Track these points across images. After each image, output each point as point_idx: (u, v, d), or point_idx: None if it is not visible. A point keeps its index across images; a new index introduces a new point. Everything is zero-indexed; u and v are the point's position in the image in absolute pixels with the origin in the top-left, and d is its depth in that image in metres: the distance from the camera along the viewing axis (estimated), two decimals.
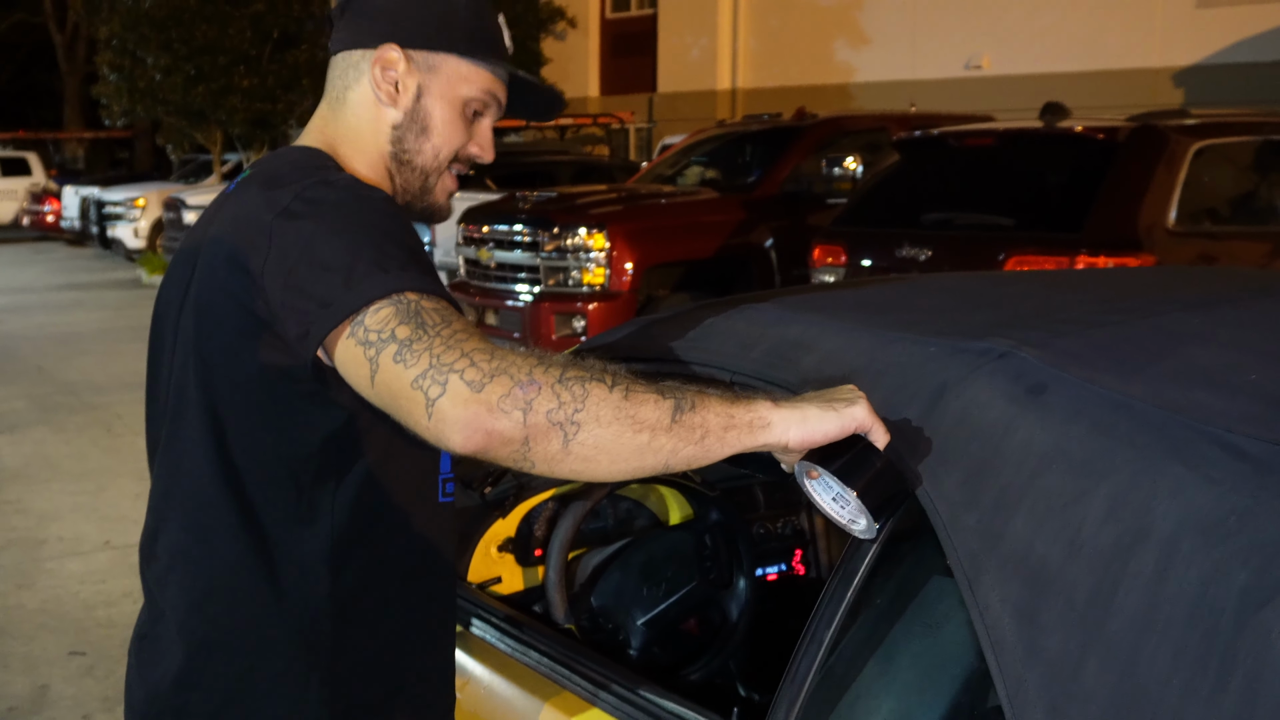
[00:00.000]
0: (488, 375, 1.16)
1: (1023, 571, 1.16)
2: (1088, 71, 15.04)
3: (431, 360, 1.18)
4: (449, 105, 1.51)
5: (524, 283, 7.96)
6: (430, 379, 1.17)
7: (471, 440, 1.16)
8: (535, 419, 1.16)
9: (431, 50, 1.49)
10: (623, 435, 1.18)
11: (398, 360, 1.19)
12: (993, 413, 1.30)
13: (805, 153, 8.59)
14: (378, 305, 1.23)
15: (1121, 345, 1.45)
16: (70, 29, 34.39)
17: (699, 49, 20.56)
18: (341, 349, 1.26)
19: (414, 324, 1.22)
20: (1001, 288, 1.99)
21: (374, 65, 1.48)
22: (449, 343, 1.19)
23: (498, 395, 1.15)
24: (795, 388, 1.53)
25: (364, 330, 1.23)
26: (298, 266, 1.29)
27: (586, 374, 1.19)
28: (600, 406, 1.17)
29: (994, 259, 5.44)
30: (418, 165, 1.52)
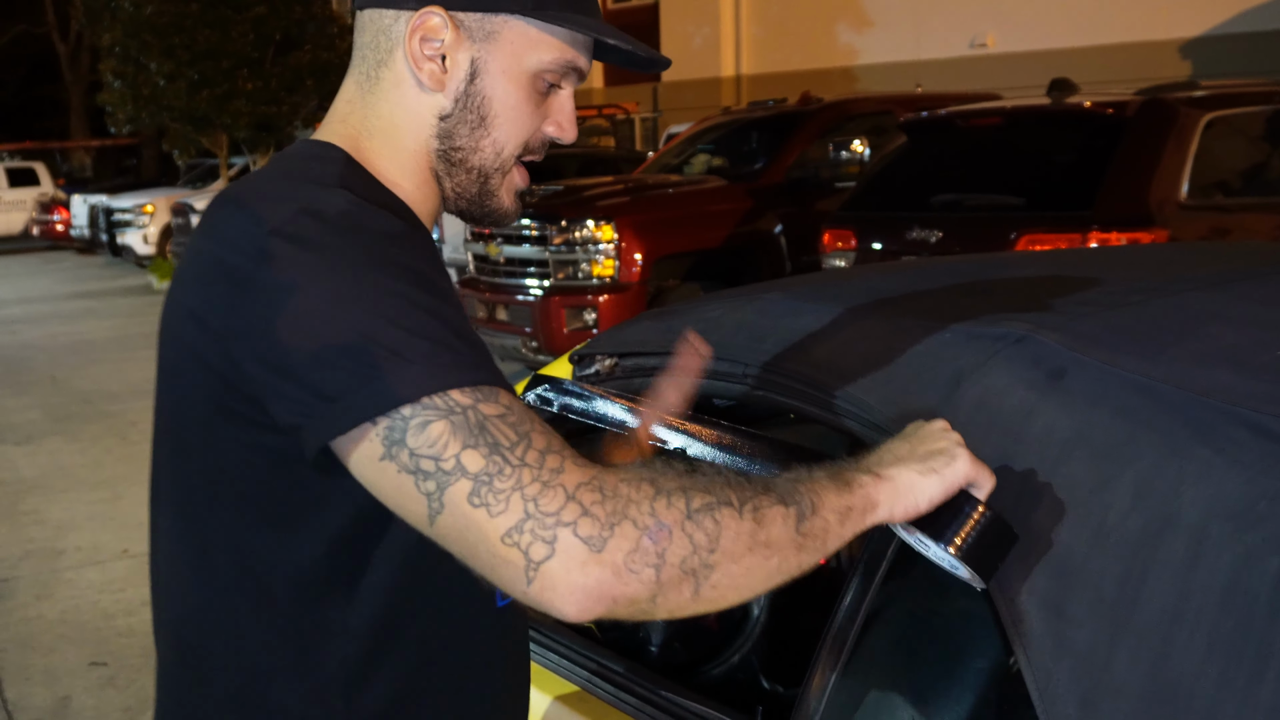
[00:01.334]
0: (606, 526, 0.91)
1: (1049, 562, 1.13)
2: (1094, 46, 14.94)
3: (526, 506, 0.91)
4: (515, 84, 1.15)
5: (533, 277, 7.93)
6: (531, 534, 0.91)
7: (591, 611, 0.92)
8: (669, 574, 0.93)
9: (489, 11, 1.13)
10: (755, 568, 0.98)
11: (475, 504, 0.92)
12: (1012, 399, 1.27)
13: (811, 138, 8.54)
14: (418, 415, 0.94)
15: (1141, 326, 1.42)
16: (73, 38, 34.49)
17: (702, 37, 20.50)
18: (371, 470, 0.97)
19: (485, 446, 0.93)
20: (1015, 270, 1.96)
21: (411, 35, 1.13)
22: (540, 475, 0.93)
23: (624, 552, 0.91)
24: (809, 378, 1.50)
25: (408, 454, 0.94)
26: (279, 337, 0.98)
27: (712, 498, 0.96)
28: (735, 542, 0.96)
29: (1005, 239, 5.40)
30: (474, 165, 1.18)
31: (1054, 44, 15.32)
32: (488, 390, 0.96)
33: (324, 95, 21.26)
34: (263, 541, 1.09)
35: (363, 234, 1.03)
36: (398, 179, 1.17)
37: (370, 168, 1.16)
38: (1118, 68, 13.58)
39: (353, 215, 1.04)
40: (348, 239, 1.02)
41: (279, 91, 18.42)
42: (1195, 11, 14.43)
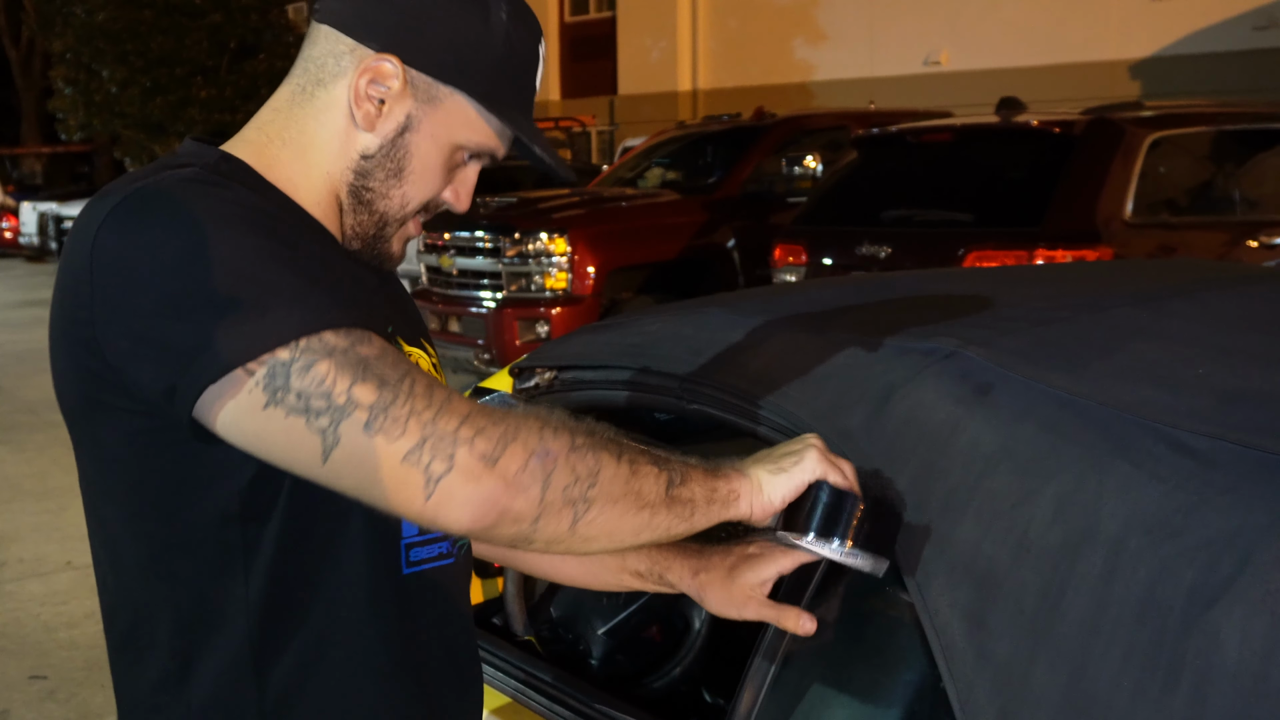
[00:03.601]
0: (499, 444, 0.98)
1: (972, 575, 1.14)
2: (1046, 65, 15.14)
3: (424, 428, 0.96)
4: (437, 149, 1.21)
5: (487, 289, 7.93)
6: (430, 452, 0.96)
7: (482, 520, 0.97)
8: (552, 495, 1.00)
9: (441, 80, 1.18)
10: (626, 514, 1.05)
11: (372, 431, 0.96)
12: (939, 414, 1.29)
13: (765, 152, 8.60)
14: (299, 358, 0.96)
15: (1068, 342, 1.44)
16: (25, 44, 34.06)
17: (659, 51, 20.57)
18: (254, 421, 0.98)
19: (373, 379, 0.97)
20: (950, 286, 1.98)
21: (362, 73, 1.16)
22: (432, 404, 0.98)
23: (515, 468, 0.98)
24: (743, 391, 1.51)
25: (295, 396, 0.96)
26: (139, 306, 1.00)
27: (594, 441, 1.04)
28: (612, 484, 1.03)
29: (954, 255, 5.45)
30: (379, 210, 1.22)
31: (1007, 63, 15.51)
32: (360, 334, 1.00)
33: None
34: (156, 527, 1.11)
35: (209, 197, 1.05)
36: (301, 194, 1.19)
37: (270, 174, 1.18)
38: (1069, 87, 13.77)
39: (198, 183, 1.06)
40: (194, 204, 1.03)
41: (234, 99, 18.33)
42: (1144, 33, 14.66)
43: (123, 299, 1.01)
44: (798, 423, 1.41)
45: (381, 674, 1.19)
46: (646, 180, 9.59)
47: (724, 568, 1.35)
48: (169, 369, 0.99)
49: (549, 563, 1.50)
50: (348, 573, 1.16)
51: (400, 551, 1.20)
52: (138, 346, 1.00)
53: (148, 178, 1.07)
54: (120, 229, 1.02)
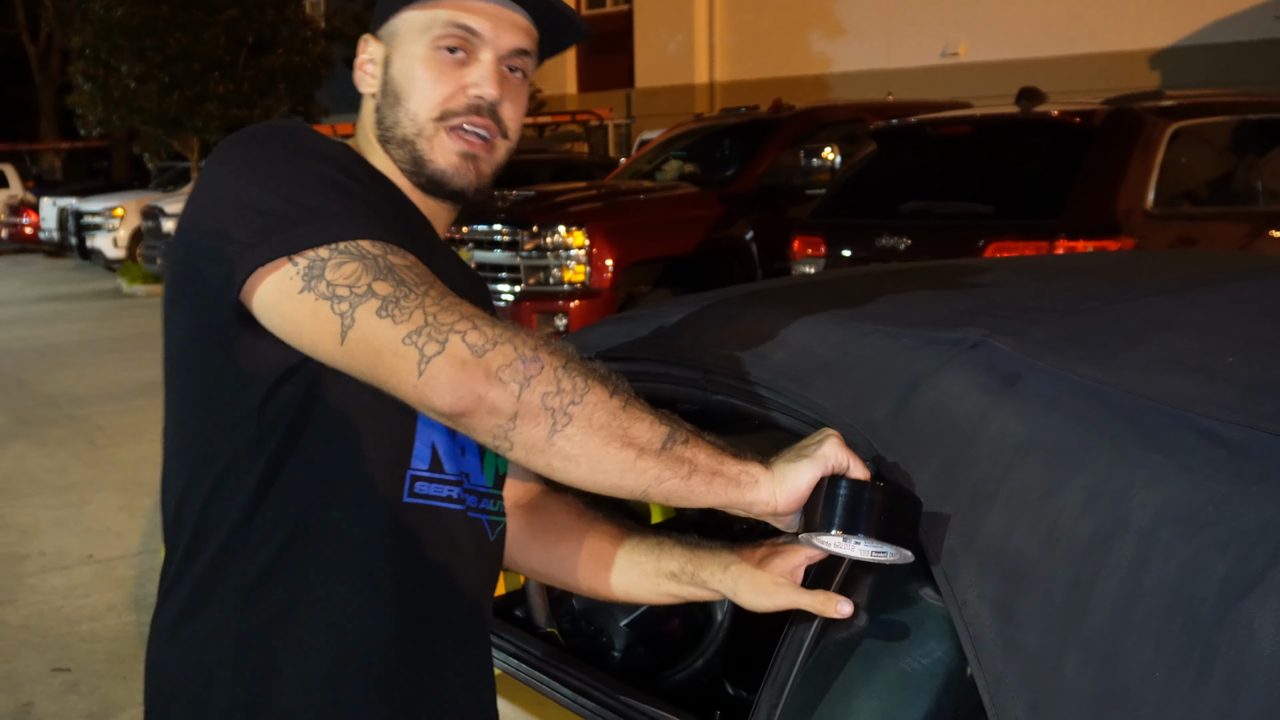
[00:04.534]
0: (490, 341, 1.09)
1: (1000, 566, 1.14)
2: (1064, 56, 15.07)
3: (427, 317, 1.09)
4: (415, 60, 1.35)
5: (505, 282, 7.93)
6: (427, 336, 1.08)
7: (461, 403, 1.07)
8: (530, 397, 1.08)
9: (388, 18, 1.39)
10: (610, 445, 1.11)
11: (383, 315, 1.09)
12: (966, 404, 1.28)
13: (783, 145, 8.58)
14: (336, 257, 1.13)
15: (1096, 332, 1.43)
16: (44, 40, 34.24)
17: (675, 44, 20.55)
18: (286, 305, 1.14)
19: (393, 280, 1.12)
20: (975, 276, 1.97)
21: (358, 63, 1.43)
22: (442, 303, 1.11)
23: (499, 363, 1.08)
24: (768, 383, 1.51)
25: (325, 284, 1.12)
26: (218, 205, 1.20)
27: (590, 371, 1.12)
28: (596, 409, 1.10)
29: (973, 246, 5.43)
30: (399, 137, 1.37)
31: (1025, 54, 15.45)
32: (394, 248, 1.16)
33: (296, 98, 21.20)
34: (194, 415, 1.27)
35: (304, 138, 1.26)
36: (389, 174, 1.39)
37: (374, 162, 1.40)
38: (1088, 77, 13.70)
39: (302, 128, 1.29)
40: (289, 138, 1.25)
41: (251, 95, 18.37)
42: (1163, 23, 14.58)
43: (209, 204, 1.21)
44: (823, 414, 1.40)
45: (375, 590, 1.26)
46: (664, 173, 9.58)
47: (754, 559, 1.37)
48: (231, 257, 1.16)
49: (587, 580, 1.55)
50: (347, 487, 1.25)
51: (405, 480, 1.29)
52: (213, 241, 1.18)
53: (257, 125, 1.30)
54: (221, 153, 1.25)
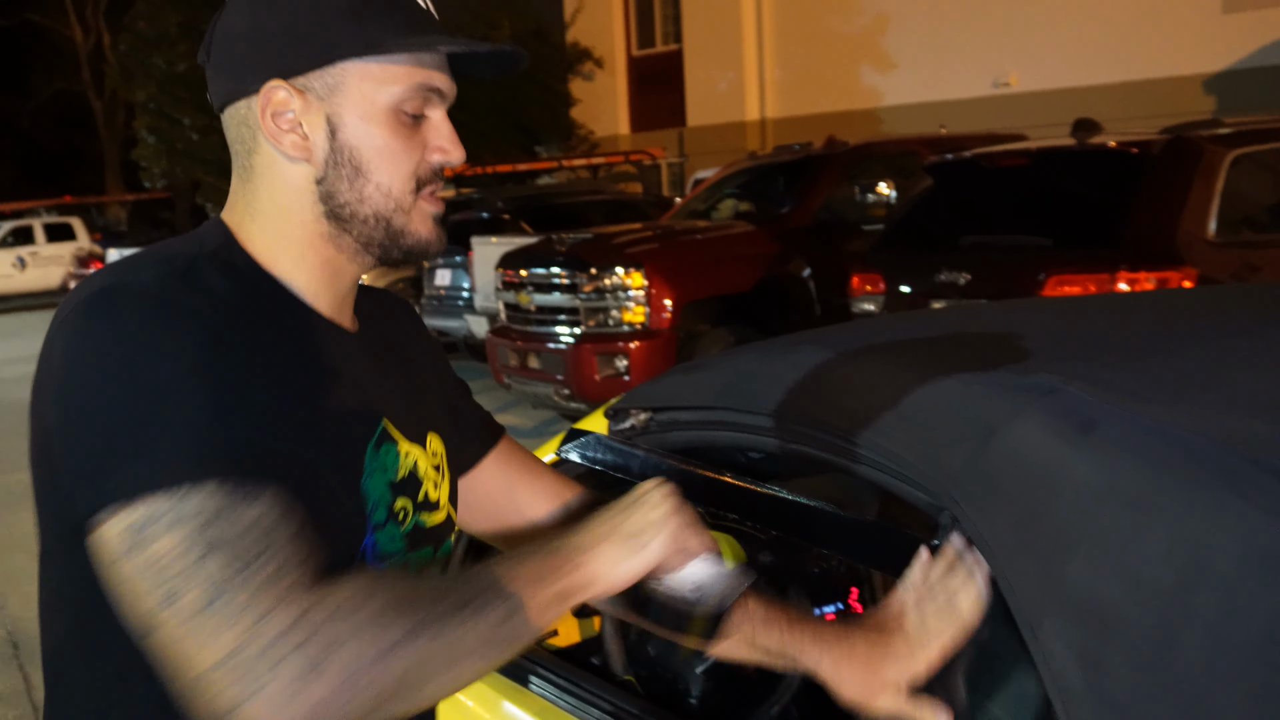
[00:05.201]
0: (315, 659, 0.91)
1: (1085, 615, 1.14)
2: (1117, 83, 14.98)
3: (250, 625, 0.90)
4: (376, 125, 1.14)
5: (565, 325, 7.99)
6: (250, 656, 0.90)
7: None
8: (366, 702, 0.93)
9: (325, 65, 1.13)
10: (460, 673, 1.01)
11: (197, 622, 0.91)
12: (1043, 452, 1.29)
13: (837, 180, 8.60)
14: (169, 509, 0.93)
15: (1171, 375, 1.43)
16: (108, 95, 35.08)
17: (726, 81, 20.66)
18: (110, 558, 0.96)
19: (222, 559, 0.92)
20: (1044, 317, 1.97)
21: (263, 115, 1.13)
22: (272, 592, 0.92)
23: (327, 691, 0.91)
24: (843, 431, 1.52)
25: (146, 558, 0.93)
26: (70, 401, 1.00)
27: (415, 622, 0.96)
28: (428, 672, 0.97)
29: (1033, 279, 5.41)
30: (368, 214, 1.16)
31: (1077, 81, 15.37)
32: (247, 488, 0.96)
33: None
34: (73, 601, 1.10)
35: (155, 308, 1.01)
36: (288, 267, 1.17)
37: (253, 249, 1.16)
38: (1141, 104, 13.60)
39: (170, 280, 1.04)
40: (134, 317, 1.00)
41: None
42: (1217, 47, 14.45)
43: (53, 403, 1.02)
44: (899, 462, 1.42)
45: None
46: (719, 211, 9.62)
47: (862, 658, 1.30)
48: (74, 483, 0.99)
49: None
50: None
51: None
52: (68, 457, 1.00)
53: (133, 263, 1.08)
54: (69, 332, 1.02)
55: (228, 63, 1.15)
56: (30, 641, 5.16)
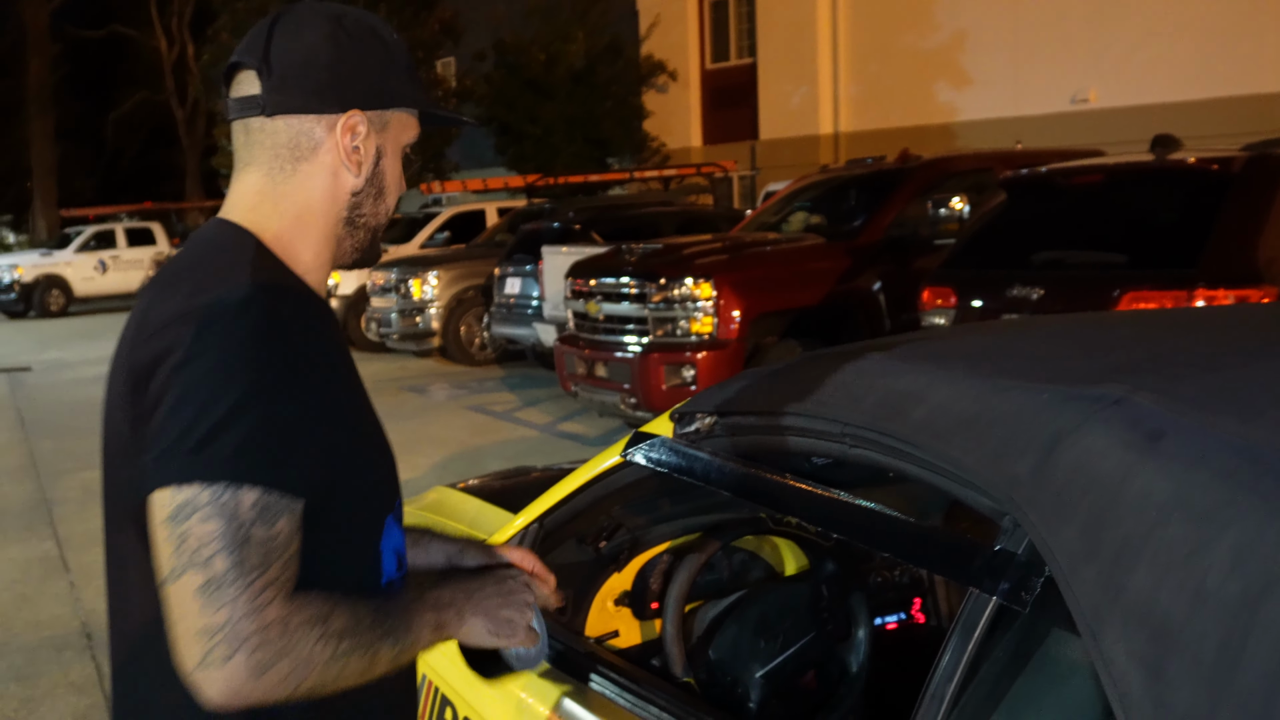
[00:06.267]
0: (276, 655, 1.19)
1: (1148, 624, 1.13)
2: (1198, 100, 14.73)
3: (230, 617, 1.18)
4: (397, 160, 1.47)
5: (632, 334, 8.02)
6: (224, 637, 1.17)
7: (226, 704, 1.20)
8: (295, 693, 1.23)
9: (383, 108, 1.42)
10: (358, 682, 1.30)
11: (199, 595, 1.18)
12: (1110, 461, 1.28)
13: (910, 195, 8.54)
14: (210, 502, 1.18)
15: (1241, 388, 1.42)
16: (190, 105, 35.81)
17: (799, 96, 20.61)
18: (155, 523, 1.21)
19: (234, 559, 1.18)
20: (1113, 330, 1.96)
21: (343, 133, 1.39)
22: (254, 603, 1.19)
23: (275, 680, 1.20)
24: (907, 438, 1.53)
25: (180, 531, 1.19)
26: (160, 397, 1.23)
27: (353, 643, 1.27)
28: (350, 675, 1.28)
29: (1108, 297, 5.34)
30: (371, 226, 1.47)
31: (1157, 98, 15.14)
32: (274, 509, 1.22)
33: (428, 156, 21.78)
34: None
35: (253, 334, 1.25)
36: (302, 253, 1.41)
37: (278, 246, 1.39)
38: (1222, 121, 13.36)
39: (247, 307, 1.26)
40: (236, 336, 1.24)
41: None
42: None
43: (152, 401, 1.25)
44: (964, 469, 1.42)
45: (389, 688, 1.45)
46: (790, 225, 9.60)
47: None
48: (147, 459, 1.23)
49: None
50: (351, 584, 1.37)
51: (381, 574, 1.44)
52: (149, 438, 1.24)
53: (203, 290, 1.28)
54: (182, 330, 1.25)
55: (303, 82, 1.37)
56: (103, 632, 5.28)
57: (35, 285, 24.45)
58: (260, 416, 1.21)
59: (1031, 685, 1.39)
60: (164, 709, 1.34)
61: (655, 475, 2.04)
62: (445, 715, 2.23)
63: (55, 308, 24.57)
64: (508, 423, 9.80)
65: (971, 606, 1.35)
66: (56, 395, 12.91)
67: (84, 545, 6.77)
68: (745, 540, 2.43)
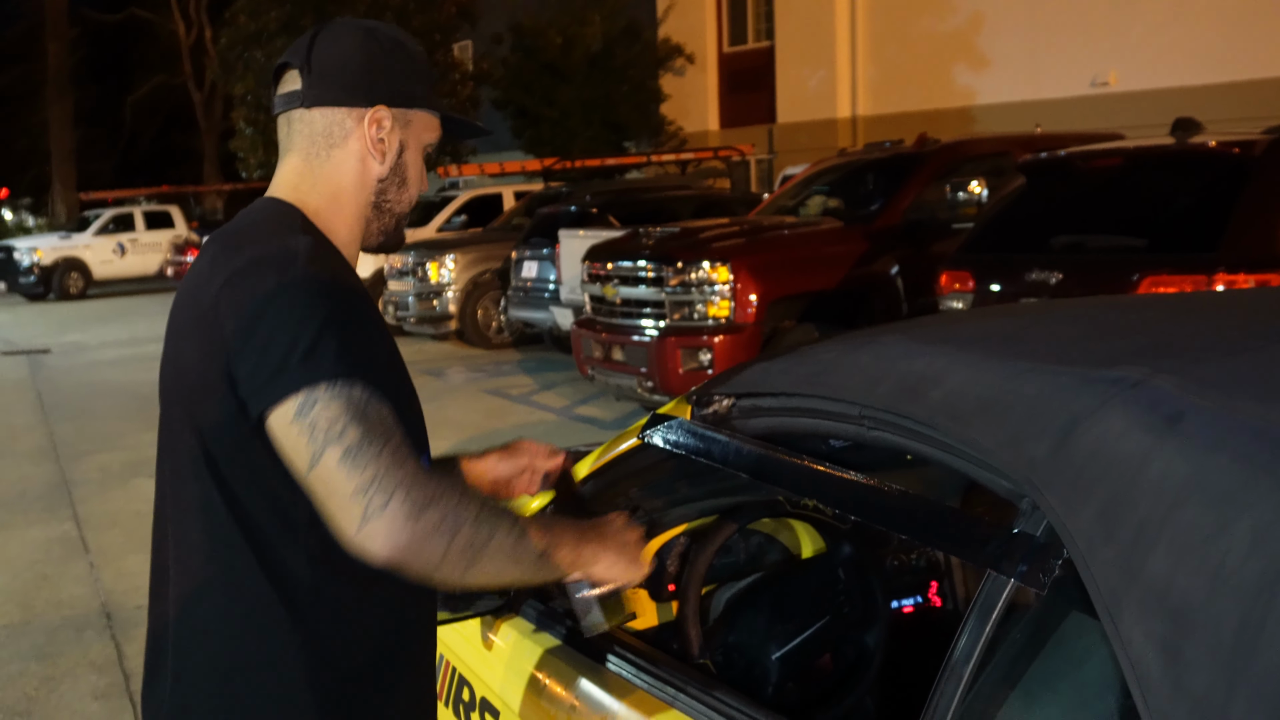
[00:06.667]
0: (428, 499, 1.32)
1: (1166, 606, 1.13)
2: (1219, 84, 14.62)
3: (377, 473, 1.31)
4: (419, 155, 1.66)
5: (649, 318, 8.02)
6: (376, 491, 1.30)
7: (396, 556, 1.31)
8: (456, 547, 1.34)
9: (408, 108, 1.62)
10: (504, 570, 1.43)
11: (343, 463, 1.31)
12: (1128, 444, 1.28)
13: (928, 179, 8.50)
14: (327, 394, 1.34)
15: (1260, 371, 1.41)
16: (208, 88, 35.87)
17: (817, 79, 20.53)
18: (282, 430, 1.36)
19: (363, 428, 1.33)
20: (1132, 313, 1.95)
21: (370, 126, 1.59)
22: (395, 458, 1.33)
23: (434, 521, 1.32)
24: (925, 420, 1.53)
25: (309, 421, 1.33)
26: (253, 330, 1.38)
27: (496, 514, 1.40)
28: (499, 548, 1.39)
29: (1127, 281, 5.31)
30: (397, 213, 1.66)
31: (1178, 82, 15.03)
32: (379, 397, 1.37)
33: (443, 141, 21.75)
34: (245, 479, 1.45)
35: (323, 273, 1.44)
36: (338, 228, 1.60)
37: (318, 220, 1.58)
38: (1244, 105, 13.26)
39: (316, 257, 1.46)
40: (313, 274, 1.42)
41: None
42: None
43: (245, 319, 1.39)
44: (981, 451, 1.42)
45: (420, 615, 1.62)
46: (807, 208, 9.58)
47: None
48: (247, 390, 1.38)
49: None
50: None
51: None
52: (243, 357, 1.39)
53: (269, 242, 1.47)
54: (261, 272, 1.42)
55: (338, 79, 1.58)
56: (122, 612, 5.33)
57: (54, 268, 24.56)
58: (346, 333, 1.39)
59: (1048, 668, 1.39)
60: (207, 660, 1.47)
61: (672, 457, 2.04)
62: (463, 694, 2.24)
63: (74, 290, 24.68)
64: (524, 406, 9.82)
65: (989, 588, 1.35)
66: (76, 378, 12.98)
67: (103, 526, 6.82)
68: (762, 523, 2.43)
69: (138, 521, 6.93)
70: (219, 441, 1.45)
